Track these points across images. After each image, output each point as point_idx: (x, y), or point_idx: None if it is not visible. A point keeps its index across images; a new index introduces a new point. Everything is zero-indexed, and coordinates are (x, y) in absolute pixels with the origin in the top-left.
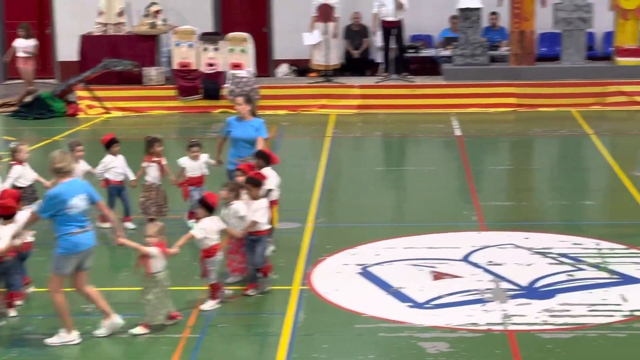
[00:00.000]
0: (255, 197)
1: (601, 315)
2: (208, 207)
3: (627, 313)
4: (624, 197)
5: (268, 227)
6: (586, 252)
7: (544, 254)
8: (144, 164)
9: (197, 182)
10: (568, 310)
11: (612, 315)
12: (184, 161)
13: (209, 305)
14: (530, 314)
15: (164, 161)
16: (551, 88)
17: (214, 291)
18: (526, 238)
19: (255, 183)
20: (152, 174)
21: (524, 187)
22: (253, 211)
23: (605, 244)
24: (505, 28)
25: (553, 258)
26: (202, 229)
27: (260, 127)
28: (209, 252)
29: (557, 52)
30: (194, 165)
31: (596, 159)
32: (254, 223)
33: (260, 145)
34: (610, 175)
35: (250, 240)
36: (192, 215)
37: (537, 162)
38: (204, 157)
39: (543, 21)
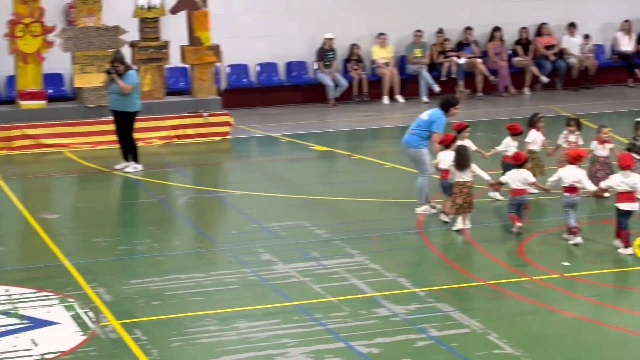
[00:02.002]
0: None
1: None
2: None
3: (38, 357)
4: (34, 240)
5: None
6: None
7: None
8: None
9: None
10: None
11: None
12: None
13: None
14: None
15: None
16: None
17: None
18: None
19: None
20: None
21: None
22: None
23: (15, 290)
24: None
25: None
26: None
27: None
28: None
29: None
30: None
31: (5, 204)
32: None
33: None
34: (19, 219)
35: None
36: None
37: None
38: None
39: None
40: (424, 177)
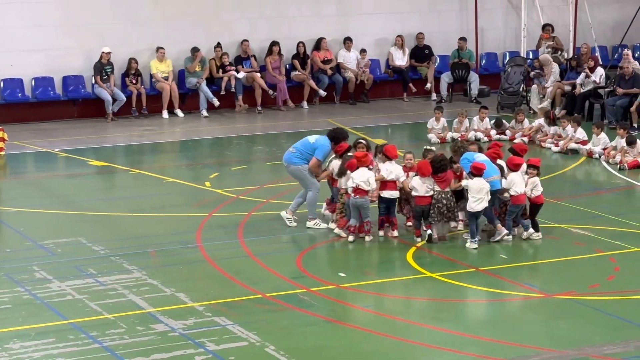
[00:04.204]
0: None
1: None
2: None
3: None
4: None
5: None
6: None
7: None
8: None
9: None
10: None
11: None
12: None
13: None
14: None
15: None
16: None
17: None
18: None
19: None
20: None
21: None
22: None
23: None
24: None
25: None
26: None
27: None
28: None
29: None
30: None
31: None
32: None
33: None
34: None
35: None
36: None
37: None
38: None
39: None
40: (313, 191)
